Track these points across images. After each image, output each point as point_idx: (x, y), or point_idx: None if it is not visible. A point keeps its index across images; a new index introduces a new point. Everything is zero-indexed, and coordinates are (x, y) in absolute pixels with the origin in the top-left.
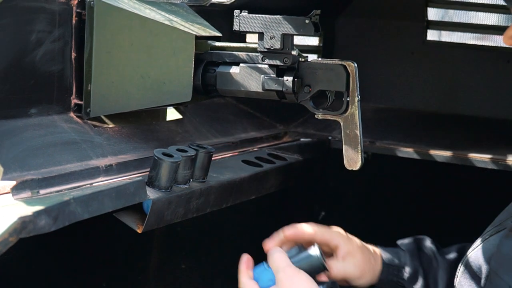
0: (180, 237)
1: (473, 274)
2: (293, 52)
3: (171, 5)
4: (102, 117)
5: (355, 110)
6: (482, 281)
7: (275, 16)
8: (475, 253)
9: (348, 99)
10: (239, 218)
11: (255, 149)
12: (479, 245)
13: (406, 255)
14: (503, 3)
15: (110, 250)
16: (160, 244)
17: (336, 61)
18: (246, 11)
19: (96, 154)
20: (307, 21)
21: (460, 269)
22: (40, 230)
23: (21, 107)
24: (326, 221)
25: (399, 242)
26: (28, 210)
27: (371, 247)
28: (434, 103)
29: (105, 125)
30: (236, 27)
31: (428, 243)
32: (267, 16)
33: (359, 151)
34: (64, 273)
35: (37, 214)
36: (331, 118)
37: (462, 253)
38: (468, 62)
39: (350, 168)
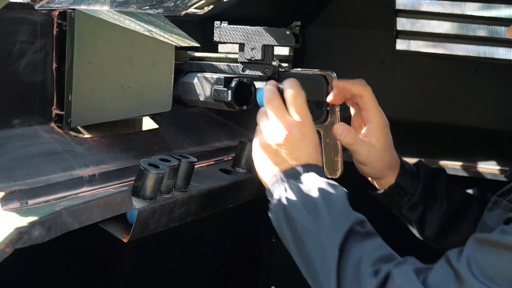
0: (152, 245)
1: None
2: (274, 63)
3: (148, 16)
4: (79, 127)
5: (335, 119)
6: None
7: (256, 27)
8: None
9: (328, 108)
10: (211, 226)
11: (230, 158)
12: None
13: (420, 185)
14: (470, 12)
15: (82, 258)
16: (132, 252)
17: (316, 71)
18: (226, 22)
19: (78, 164)
20: (288, 32)
21: None
22: (34, 241)
23: (4, 118)
24: None
25: (422, 163)
26: (23, 221)
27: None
28: (404, 111)
29: (85, 135)
30: (216, 38)
31: (443, 179)
32: (248, 27)
33: (339, 159)
34: (34, 281)
35: (32, 225)
36: None
37: (466, 202)
38: (437, 71)
39: (330, 176)
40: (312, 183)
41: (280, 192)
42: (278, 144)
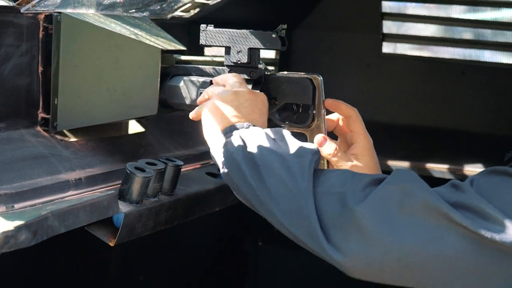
0: (138, 249)
1: None
2: (260, 66)
3: (135, 19)
4: (65, 130)
5: (321, 122)
6: None
7: (242, 30)
8: None
9: (314, 111)
10: (197, 230)
11: None
12: None
13: None
14: (456, 15)
15: (68, 262)
16: (118, 256)
17: (302, 74)
18: (212, 25)
19: (64, 168)
20: (274, 36)
21: None
22: (20, 245)
23: None
24: None
25: None
26: (9, 225)
27: None
28: (390, 114)
29: (71, 139)
30: (202, 41)
31: None
32: (234, 30)
33: (325, 162)
34: (20, 285)
35: (18, 229)
36: (297, 131)
37: None
38: (423, 74)
39: None
40: (273, 130)
41: (241, 132)
42: (240, 101)
